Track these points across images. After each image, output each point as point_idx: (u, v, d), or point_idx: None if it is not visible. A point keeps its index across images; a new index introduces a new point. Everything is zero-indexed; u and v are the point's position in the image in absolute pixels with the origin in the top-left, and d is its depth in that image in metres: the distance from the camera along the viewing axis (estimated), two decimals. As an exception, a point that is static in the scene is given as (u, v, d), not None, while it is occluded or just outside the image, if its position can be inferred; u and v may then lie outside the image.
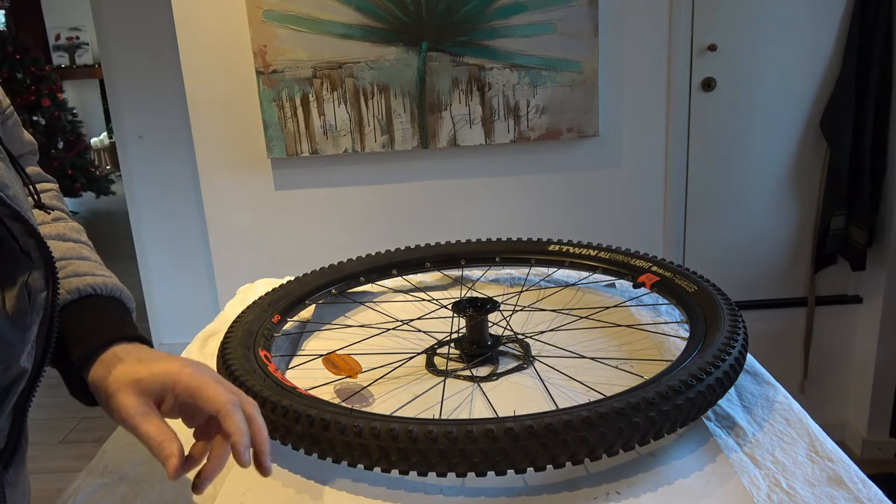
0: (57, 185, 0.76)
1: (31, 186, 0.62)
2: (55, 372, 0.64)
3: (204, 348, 1.01)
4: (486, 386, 0.84)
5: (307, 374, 0.87)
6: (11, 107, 0.70)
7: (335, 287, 1.10)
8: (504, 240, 1.21)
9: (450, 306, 0.95)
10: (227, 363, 0.79)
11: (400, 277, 1.18)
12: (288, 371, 0.91)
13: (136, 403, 0.56)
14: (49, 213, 0.68)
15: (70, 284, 0.63)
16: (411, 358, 0.91)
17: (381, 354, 0.91)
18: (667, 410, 0.65)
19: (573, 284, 1.17)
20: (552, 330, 0.98)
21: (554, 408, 0.68)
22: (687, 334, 0.85)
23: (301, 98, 1.98)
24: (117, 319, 0.64)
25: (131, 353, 0.60)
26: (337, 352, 0.87)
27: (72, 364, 0.60)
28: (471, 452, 0.61)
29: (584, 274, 1.15)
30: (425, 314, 1.05)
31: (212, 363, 0.88)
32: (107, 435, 0.80)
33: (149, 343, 0.63)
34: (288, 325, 1.03)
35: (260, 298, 1.01)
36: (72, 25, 7.12)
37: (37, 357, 0.57)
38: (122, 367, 0.58)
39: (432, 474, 0.63)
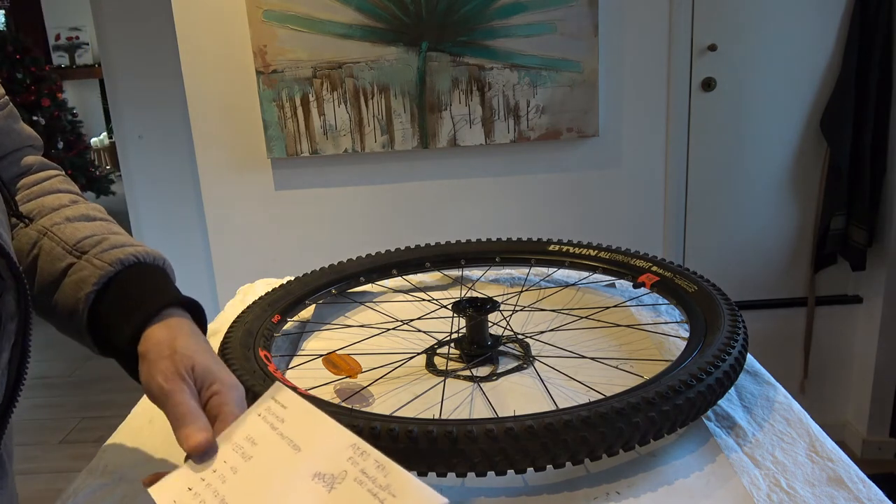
0: (62, 172, 0.74)
1: (4, 191, 0.61)
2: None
3: (204, 348, 1.01)
4: (486, 386, 0.84)
5: (307, 374, 0.87)
6: (6, 97, 0.68)
7: (335, 287, 1.10)
8: (504, 240, 1.21)
9: (450, 306, 0.95)
10: (227, 363, 0.79)
11: (400, 277, 1.18)
12: (288, 371, 0.91)
13: (184, 373, 0.56)
14: (27, 223, 0.66)
15: (111, 256, 0.62)
16: (411, 358, 0.91)
17: (381, 354, 0.91)
18: (667, 410, 0.65)
19: (573, 284, 1.17)
20: (552, 330, 0.98)
21: (554, 408, 0.68)
22: (687, 334, 0.85)
23: (301, 98, 1.98)
24: (168, 285, 0.64)
25: (192, 329, 0.60)
26: (337, 352, 0.87)
27: (126, 336, 0.59)
28: (471, 452, 0.61)
29: (584, 274, 1.15)
30: (425, 314, 1.05)
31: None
32: (107, 435, 0.80)
33: (203, 312, 0.64)
34: (288, 325, 1.03)
35: (260, 298, 1.01)
36: (72, 25, 7.12)
37: (8, 384, 0.56)
38: (185, 337, 0.58)
39: (432, 474, 0.63)
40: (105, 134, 7.32)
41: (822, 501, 0.61)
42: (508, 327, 0.97)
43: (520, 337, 0.95)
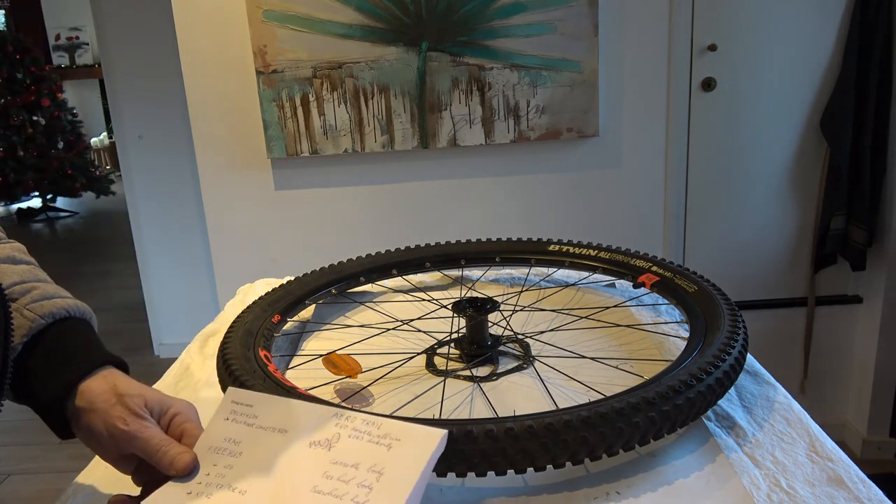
0: None
1: None
2: None
3: (204, 348, 1.01)
4: (486, 386, 0.84)
5: (307, 374, 0.87)
6: None
7: (335, 287, 1.10)
8: (504, 240, 1.21)
9: (450, 306, 0.95)
10: (227, 363, 0.79)
11: (400, 277, 1.18)
12: (288, 371, 0.91)
13: (140, 412, 0.59)
14: None
15: (42, 308, 0.62)
16: (411, 358, 0.91)
17: (381, 354, 0.91)
18: (667, 410, 0.65)
19: (573, 284, 1.17)
20: (552, 330, 0.98)
21: (554, 408, 0.68)
22: (687, 334, 0.84)
23: (301, 98, 1.98)
24: (98, 342, 0.65)
25: (125, 377, 0.62)
26: (337, 352, 0.87)
27: (55, 390, 0.60)
28: (471, 452, 0.61)
29: (584, 274, 1.15)
30: (425, 314, 1.05)
31: (212, 363, 0.88)
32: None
33: (128, 369, 0.65)
34: (288, 325, 1.03)
35: (260, 298, 1.01)
36: (72, 25, 7.12)
37: None
38: (125, 382, 0.61)
39: (432, 474, 0.63)
40: (105, 134, 7.32)
41: (822, 501, 0.61)
42: (508, 327, 0.97)
43: (520, 337, 0.95)
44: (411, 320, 1.03)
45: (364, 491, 0.53)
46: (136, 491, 0.61)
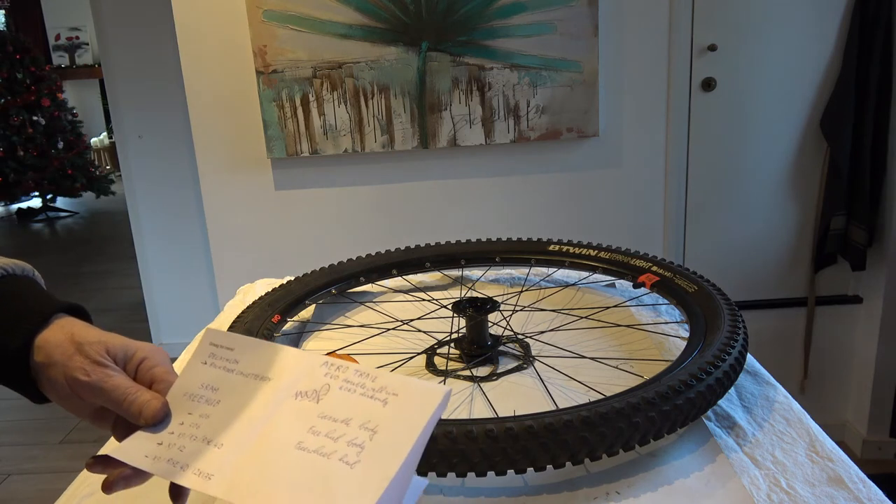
0: None
1: None
2: None
3: (204, 348, 1.01)
4: (486, 386, 0.84)
5: (307, 374, 0.86)
6: None
7: (335, 287, 1.10)
8: (504, 240, 1.21)
9: (450, 306, 0.95)
10: (227, 363, 0.79)
11: (400, 277, 1.18)
12: (288, 371, 0.91)
13: (101, 360, 0.54)
14: None
15: None
16: (411, 358, 0.91)
17: (381, 354, 0.91)
18: (667, 410, 0.65)
19: (573, 284, 1.17)
20: (552, 330, 0.97)
21: (554, 408, 0.68)
22: (687, 334, 0.84)
23: (301, 98, 1.98)
24: (48, 294, 0.59)
25: (85, 324, 0.57)
26: (337, 352, 0.87)
27: (13, 348, 0.55)
28: (471, 452, 0.61)
29: (584, 274, 1.15)
30: (425, 314, 1.05)
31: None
32: (107, 435, 0.80)
33: (88, 314, 0.60)
34: (288, 325, 1.03)
35: (260, 298, 1.01)
36: (72, 25, 7.12)
37: None
38: (83, 329, 0.55)
39: (432, 474, 0.63)
40: (105, 134, 7.32)
41: (822, 501, 0.61)
42: (508, 327, 0.97)
43: (520, 337, 0.95)
44: (411, 320, 1.03)
45: (354, 450, 0.47)
46: (137, 490, 0.60)
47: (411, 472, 0.46)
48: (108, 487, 0.53)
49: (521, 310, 1.04)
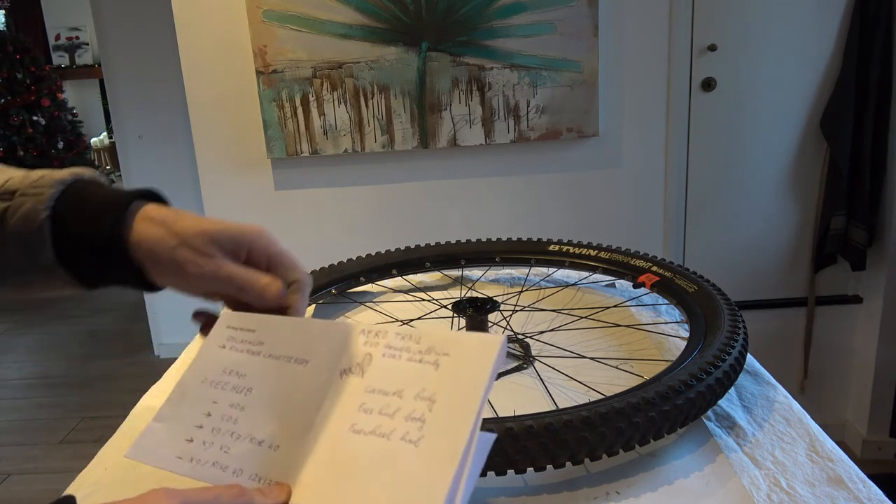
0: None
1: None
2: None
3: (204, 348, 1.01)
4: (486, 386, 0.84)
5: (307, 374, 0.86)
6: None
7: (335, 287, 1.10)
8: (504, 240, 1.21)
9: (450, 306, 0.95)
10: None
11: (400, 277, 1.18)
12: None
13: (209, 249, 0.51)
14: None
15: (47, 181, 0.54)
16: (411, 358, 0.91)
17: (381, 354, 0.91)
18: (667, 410, 0.65)
19: (573, 284, 1.17)
20: (552, 330, 0.97)
21: (554, 408, 0.68)
22: (687, 334, 0.84)
23: (301, 98, 1.98)
24: (118, 188, 0.56)
25: (176, 210, 0.54)
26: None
27: (100, 247, 0.52)
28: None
29: (584, 274, 1.15)
30: (425, 314, 1.05)
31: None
32: (107, 435, 0.80)
33: (165, 197, 0.58)
34: (288, 325, 1.03)
35: (260, 298, 1.01)
36: (72, 25, 7.12)
37: None
38: (176, 219, 0.53)
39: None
40: (105, 134, 7.32)
41: (822, 501, 0.61)
42: (508, 327, 0.97)
43: (520, 337, 0.95)
44: (411, 320, 1.03)
45: (415, 426, 0.42)
46: (136, 484, 0.61)
47: (477, 435, 0.42)
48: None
49: (521, 310, 1.04)
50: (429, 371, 0.44)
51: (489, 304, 0.92)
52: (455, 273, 1.23)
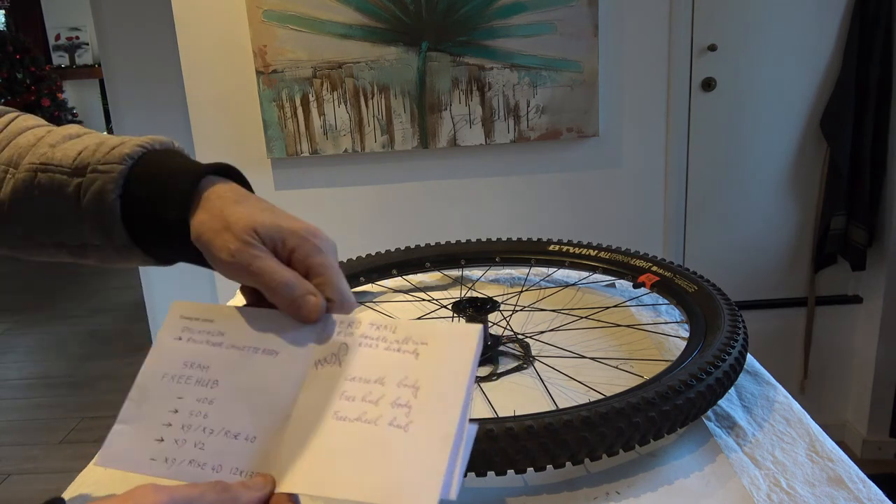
0: (19, 111, 0.65)
1: None
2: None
3: (204, 348, 1.01)
4: (485, 386, 0.84)
5: (307, 374, 0.86)
6: None
7: (335, 287, 1.10)
8: (504, 240, 1.21)
9: (450, 306, 0.95)
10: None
11: (400, 277, 1.18)
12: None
13: (248, 237, 0.48)
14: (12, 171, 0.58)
15: (115, 155, 0.54)
16: (411, 358, 0.91)
17: (381, 354, 0.91)
18: (667, 410, 0.65)
19: (573, 284, 1.17)
20: (552, 330, 0.97)
21: (554, 408, 0.68)
22: (687, 334, 0.84)
23: (301, 98, 1.98)
24: (190, 160, 0.55)
25: (237, 193, 0.52)
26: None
27: (168, 228, 0.51)
28: (471, 452, 0.61)
29: (584, 274, 1.15)
30: (425, 314, 1.05)
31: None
32: (107, 435, 0.80)
33: (241, 173, 0.56)
34: (288, 325, 1.03)
35: (260, 298, 1.01)
36: (72, 25, 7.12)
37: None
38: (233, 203, 0.50)
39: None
40: (105, 134, 7.32)
41: (822, 501, 0.61)
42: (508, 327, 0.97)
43: (520, 337, 0.95)
44: (411, 320, 1.03)
45: (402, 411, 0.42)
46: (135, 484, 0.61)
47: (467, 421, 0.42)
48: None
49: (521, 310, 1.04)
50: (409, 360, 0.44)
51: (489, 304, 0.92)
52: (455, 273, 1.23)
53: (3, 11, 6.88)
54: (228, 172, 0.56)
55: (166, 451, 0.44)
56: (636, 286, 1.04)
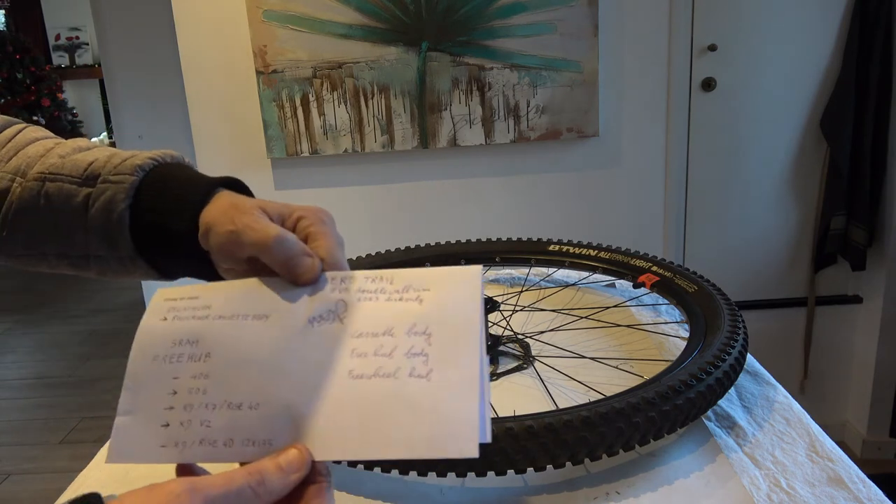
0: (28, 124, 0.67)
1: None
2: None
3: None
4: (486, 386, 0.84)
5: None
6: None
7: (335, 287, 1.10)
8: (504, 240, 1.21)
9: (450, 306, 0.95)
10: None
11: (400, 277, 1.18)
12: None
13: (252, 211, 0.49)
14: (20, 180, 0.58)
15: (127, 166, 0.54)
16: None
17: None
18: (667, 410, 0.65)
19: (573, 284, 1.17)
20: (552, 330, 0.98)
21: (554, 408, 0.68)
22: (687, 334, 0.84)
23: (301, 98, 1.98)
24: (200, 174, 0.56)
25: (246, 197, 0.53)
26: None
27: (174, 241, 0.52)
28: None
29: (584, 274, 1.15)
30: (425, 314, 1.05)
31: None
32: (107, 435, 0.80)
33: (247, 187, 0.57)
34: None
35: (260, 298, 1.01)
36: (72, 25, 7.12)
37: None
38: (241, 202, 0.50)
39: (432, 474, 0.63)
40: (105, 134, 7.32)
41: (822, 501, 0.61)
42: (508, 327, 0.97)
43: (520, 337, 0.95)
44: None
45: (420, 360, 0.40)
46: (136, 484, 0.60)
47: (486, 362, 0.42)
48: None
49: (521, 310, 1.04)
50: (413, 307, 0.42)
51: (489, 304, 0.92)
52: (455, 273, 1.23)
53: (3, 11, 6.88)
54: (237, 186, 0.57)
55: (175, 436, 0.42)
56: (636, 286, 1.04)
